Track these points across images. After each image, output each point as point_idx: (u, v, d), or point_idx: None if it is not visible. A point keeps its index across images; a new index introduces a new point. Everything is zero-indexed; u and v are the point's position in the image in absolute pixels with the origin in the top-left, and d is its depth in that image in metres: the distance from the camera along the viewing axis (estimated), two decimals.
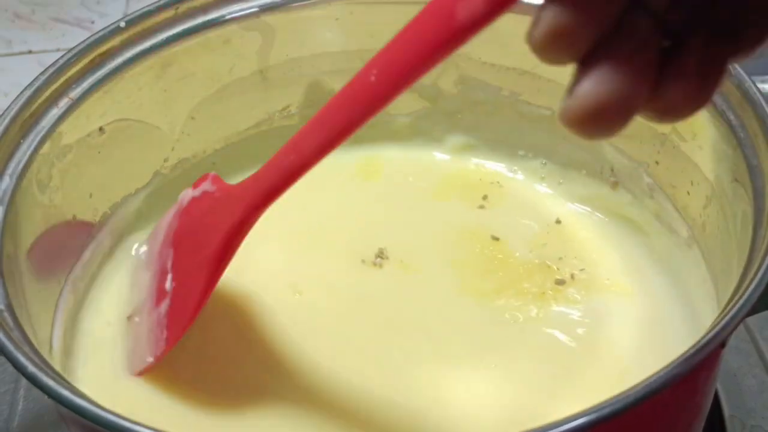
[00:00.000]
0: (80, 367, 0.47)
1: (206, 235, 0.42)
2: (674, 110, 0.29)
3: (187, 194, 0.47)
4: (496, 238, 0.52)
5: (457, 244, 0.52)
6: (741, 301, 0.35)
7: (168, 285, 0.44)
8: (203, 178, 0.46)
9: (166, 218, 0.48)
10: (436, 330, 0.47)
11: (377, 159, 0.58)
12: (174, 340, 0.43)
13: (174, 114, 0.53)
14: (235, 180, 0.56)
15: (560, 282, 0.49)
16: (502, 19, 0.51)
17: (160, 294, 0.45)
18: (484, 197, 0.55)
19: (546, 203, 0.54)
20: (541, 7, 0.29)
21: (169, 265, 0.45)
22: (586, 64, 0.29)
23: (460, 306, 0.48)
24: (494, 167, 0.57)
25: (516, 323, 0.48)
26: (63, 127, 0.46)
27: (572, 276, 0.50)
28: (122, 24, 0.49)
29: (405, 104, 0.57)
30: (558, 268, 0.50)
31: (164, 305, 0.44)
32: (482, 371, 0.45)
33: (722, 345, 0.35)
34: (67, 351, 0.47)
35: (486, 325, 0.47)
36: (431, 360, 0.46)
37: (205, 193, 0.45)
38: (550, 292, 0.49)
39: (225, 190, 0.44)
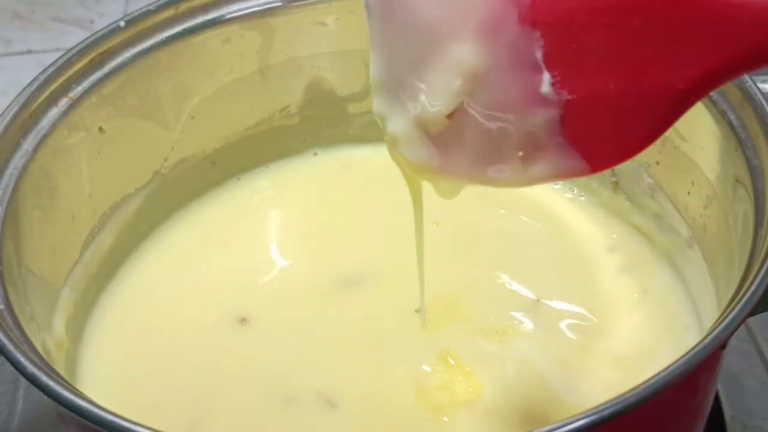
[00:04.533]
0: (80, 367, 0.47)
1: (655, 51, 0.29)
2: None
3: None
4: (497, 236, 0.52)
5: (462, 240, 0.52)
6: (742, 302, 0.35)
7: (547, 89, 0.31)
8: None
9: None
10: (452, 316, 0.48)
11: (378, 159, 0.58)
12: (595, 167, 0.33)
13: (174, 113, 0.52)
14: (236, 181, 0.57)
15: (560, 281, 0.49)
16: None
17: (524, 96, 0.32)
18: (485, 196, 0.55)
19: (547, 203, 0.54)
20: None
21: (538, 57, 0.31)
22: None
23: (469, 298, 0.49)
24: None
25: (517, 320, 0.48)
26: (63, 126, 0.46)
27: (573, 275, 0.50)
28: (122, 23, 0.49)
29: None
30: (559, 267, 0.50)
31: (546, 115, 0.32)
32: (488, 365, 0.46)
33: (723, 346, 0.35)
34: (67, 350, 0.47)
35: (491, 319, 0.48)
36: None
37: None
38: (551, 290, 0.49)
39: None
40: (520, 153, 0.33)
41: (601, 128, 0.32)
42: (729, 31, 0.28)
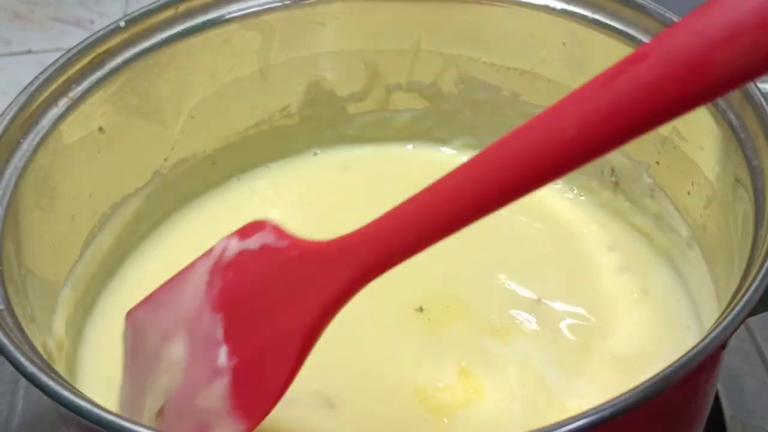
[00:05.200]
0: (80, 367, 0.47)
1: (287, 302, 0.36)
2: None
3: (231, 246, 0.39)
4: (497, 236, 0.52)
5: (462, 240, 0.52)
6: (742, 302, 0.35)
7: (223, 360, 0.37)
8: (255, 228, 0.38)
9: (189, 275, 0.40)
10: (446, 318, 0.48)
11: (377, 159, 0.58)
12: (254, 423, 0.37)
13: (174, 113, 0.52)
14: (236, 181, 0.57)
15: (560, 281, 0.49)
16: (503, 18, 0.52)
17: (208, 372, 0.37)
18: None
19: (547, 203, 0.54)
20: None
21: (219, 335, 0.37)
22: None
23: (470, 297, 0.49)
24: None
25: (517, 319, 0.48)
26: (63, 126, 0.46)
27: (573, 275, 0.50)
28: (122, 23, 0.49)
29: (405, 103, 0.57)
30: (559, 267, 0.51)
31: (221, 385, 0.37)
32: (488, 364, 0.46)
33: (723, 346, 0.35)
34: (67, 351, 0.47)
35: (492, 319, 0.48)
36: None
37: (267, 248, 0.37)
38: (551, 290, 0.49)
39: (305, 248, 0.37)
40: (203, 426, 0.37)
41: (256, 380, 0.37)
42: (324, 271, 0.35)
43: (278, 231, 0.38)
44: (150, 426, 0.33)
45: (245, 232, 0.39)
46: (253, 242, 0.38)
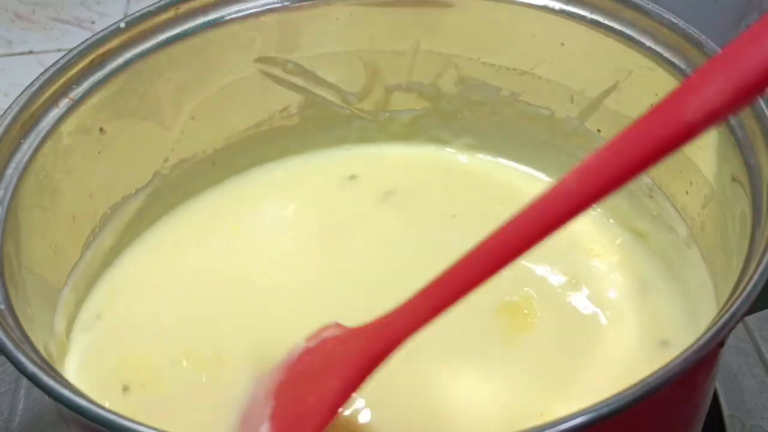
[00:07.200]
0: (80, 367, 0.47)
1: (325, 371, 0.39)
2: None
3: (296, 349, 0.42)
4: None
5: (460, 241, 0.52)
6: (740, 300, 0.35)
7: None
8: (321, 330, 0.42)
9: (264, 379, 0.43)
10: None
11: (377, 159, 0.58)
12: None
13: (174, 114, 0.53)
14: (235, 181, 0.57)
15: (559, 280, 0.50)
16: (502, 18, 0.52)
17: None
18: (482, 196, 0.55)
19: None
20: None
21: (267, 414, 0.41)
22: None
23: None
24: (493, 167, 0.57)
25: (514, 321, 0.48)
26: (63, 127, 0.46)
27: (571, 275, 0.50)
28: (122, 24, 0.49)
29: (405, 103, 0.57)
30: (557, 267, 0.51)
31: None
32: (480, 365, 0.46)
33: (721, 344, 0.36)
34: (68, 351, 0.47)
35: (486, 320, 0.48)
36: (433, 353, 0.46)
37: (324, 340, 0.41)
38: (549, 291, 0.49)
39: (350, 330, 0.40)
40: None
41: None
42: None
43: (340, 327, 0.41)
44: (149, 425, 0.33)
45: (312, 336, 0.42)
46: (315, 340, 0.42)
